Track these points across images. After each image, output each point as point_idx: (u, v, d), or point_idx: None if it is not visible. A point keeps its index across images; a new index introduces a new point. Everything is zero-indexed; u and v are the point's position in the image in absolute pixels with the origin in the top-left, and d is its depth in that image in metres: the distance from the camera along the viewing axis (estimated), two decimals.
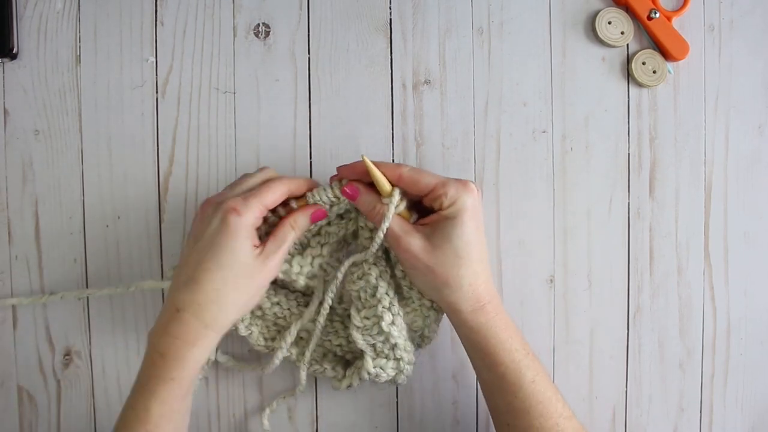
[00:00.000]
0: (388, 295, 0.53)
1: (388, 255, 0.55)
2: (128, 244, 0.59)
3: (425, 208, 0.53)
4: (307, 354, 0.55)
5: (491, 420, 0.54)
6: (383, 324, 0.52)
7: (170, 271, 0.55)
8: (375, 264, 0.54)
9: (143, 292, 0.59)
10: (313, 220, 0.52)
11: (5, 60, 0.58)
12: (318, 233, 0.55)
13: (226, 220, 0.47)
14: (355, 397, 0.60)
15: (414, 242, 0.50)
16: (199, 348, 0.47)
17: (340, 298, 0.57)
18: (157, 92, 0.59)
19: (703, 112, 0.62)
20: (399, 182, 0.51)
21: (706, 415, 0.62)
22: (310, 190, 0.53)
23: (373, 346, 0.53)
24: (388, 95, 0.61)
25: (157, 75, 0.59)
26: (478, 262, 0.50)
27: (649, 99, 0.62)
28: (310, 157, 0.60)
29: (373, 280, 0.53)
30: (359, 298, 0.53)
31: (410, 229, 0.50)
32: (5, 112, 0.59)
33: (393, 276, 0.54)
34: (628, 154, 0.62)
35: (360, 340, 0.53)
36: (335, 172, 0.57)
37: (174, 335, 0.47)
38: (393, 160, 0.60)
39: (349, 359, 0.58)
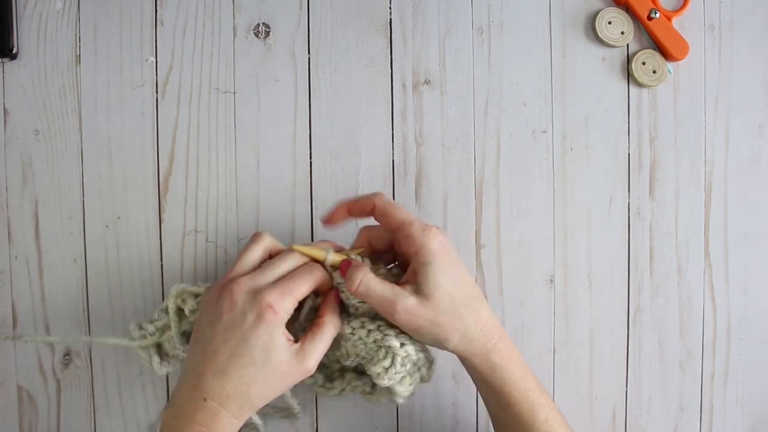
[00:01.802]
0: (375, 326, 0.50)
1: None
2: (128, 244, 0.59)
3: (387, 259, 0.53)
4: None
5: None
6: (398, 351, 0.50)
7: (134, 331, 0.55)
8: (343, 322, 0.51)
9: (143, 292, 0.59)
10: (338, 302, 0.51)
11: (5, 60, 0.58)
12: None
13: (264, 318, 0.46)
14: (355, 398, 0.60)
15: (409, 301, 0.47)
16: None
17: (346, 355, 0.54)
18: (157, 92, 0.59)
19: (703, 112, 0.62)
20: (372, 213, 0.51)
21: (706, 416, 0.62)
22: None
23: (401, 376, 0.51)
24: (388, 95, 0.61)
25: (157, 75, 0.59)
26: (474, 299, 0.49)
27: (649, 99, 0.62)
28: (310, 157, 0.60)
29: (348, 331, 0.51)
30: (358, 353, 0.52)
31: (399, 290, 0.48)
32: (5, 112, 0.59)
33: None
34: (628, 154, 0.62)
35: (391, 381, 0.51)
36: (335, 173, 0.58)
37: (200, 423, 0.46)
38: (393, 161, 0.60)
39: (324, 362, 0.55)
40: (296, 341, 0.48)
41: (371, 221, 0.52)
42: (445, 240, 0.49)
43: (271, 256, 0.51)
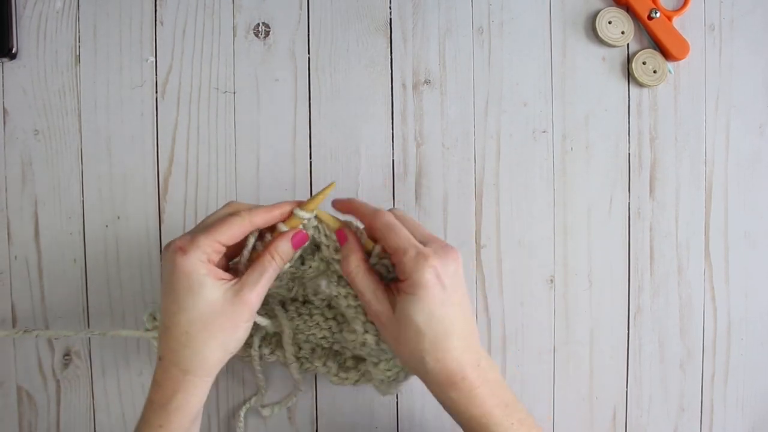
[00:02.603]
0: (355, 303, 0.50)
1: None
2: (128, 244, 0.59)
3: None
4: (288, 354, 0.54)
5: None
6: (358, 335, 0.50)
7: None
8: (331, 282, 0.51)
9: (143, 292, 0.59)
10: (296, 245, 0.48)
11: (5, 60, 0.58)
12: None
13: (174, 261, 0.45)
14: (355, 397, 0.60)
15: (382, 310, 0.47)
16: (182, 394, 0.45)
17: (314, 292, 0.54)
18: (156, 92, 0.59)
19: (703, 111, 0.62)
20: (372, 232, 0.49)
21: (706, 416, 0.62)
22: (282, 218, 0.49)
23: (374, 356, 0.52)
24: (388, 95, 0.61)
25: (156, 75, 0.59)
26: (447, 337, 0.45)
27: (650, 99, 0.62)
28: (310, 157, 0.60)
29: (331, 290, 0.50)
30: (341, 312, 0.52)
31: (382, 296, 0.47)
32: (5, 112, 0.59)
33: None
34: (629, 153, 0.62)
35: (358, 352, 0.52)
36: (335, 173, 0.58)
37: (158, 383, 0.46)
38: (393, 161, 0.60)
39: (337, 350, 0.56)
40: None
41: None
42: (443, 271, 0.45)
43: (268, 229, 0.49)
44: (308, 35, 0.60)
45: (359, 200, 0.50)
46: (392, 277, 0.49)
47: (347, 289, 0.50)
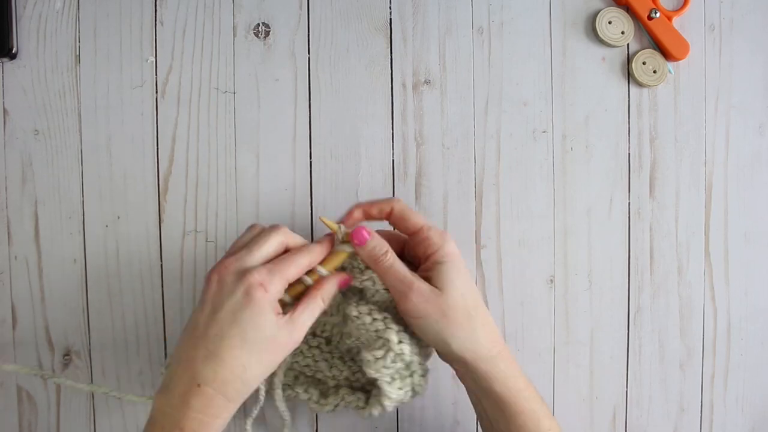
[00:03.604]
0: (381, 317, 0.51)
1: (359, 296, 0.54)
2: (128, 244, 0.59)
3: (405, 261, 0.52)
4: (277, 380, 0.54)
5: None
6: (393, 346, 0.50)
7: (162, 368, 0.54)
8: (349, 305, 0.52)
9: (143, 292, 0.59)
10: (341, 286, 0.51)
11: (5, 60, 0.58)
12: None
13: (252, 296, 0.45)
14: None
15: (424, 286, 0.49)
16: (221, 420, 0.46)
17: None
18: (156, 92, 0.59)
19: (703, 112, 0.62)
20: (389, 216, 0.52)
21: (706, 416, 0.62)
22: (329, 251, 0.51)
23: (391, 374, 0.51)
24: (388, 95, 0.61)
25: (156, 75, 0.59)
26: (481, 304, 0.50)
27: (650, 99, 0.62)
28: (310, 157, 0.60)
29: (354, 313, 0.51)
30: (359, 337, 0.52)
31: (418, 276, 0.49)
32: (5, 112, 0.59)
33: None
34: (629, 154, 0.62)
35: (378, 373, 0.51)
36: (335, 173, 0.57)
37: (196, 410, 0.45)
38: (393, 161, 0.60)
39: (320, 378, 0.57)
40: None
41: (384, 225, 0.53)
42: (456, 247, 0.51)
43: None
44: (308, 35, 0.60)
45: (360, 202, 0.53)
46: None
47: (368, 306, 0.51)
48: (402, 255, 0.53)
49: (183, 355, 0.47)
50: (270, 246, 0.49)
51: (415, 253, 0.52)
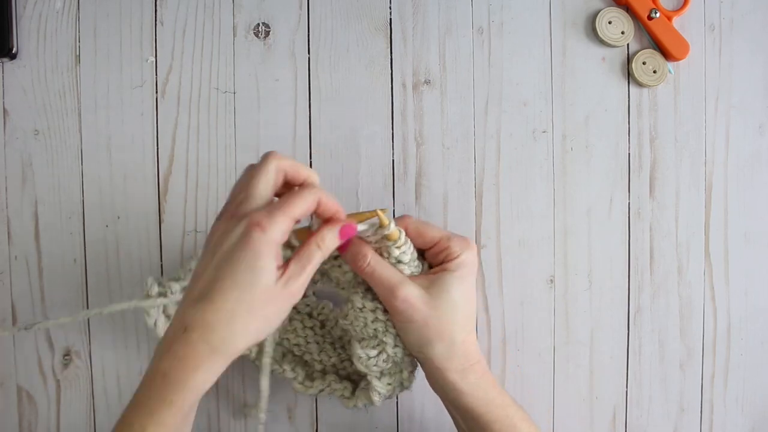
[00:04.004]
0: (384, 318, 0.50)
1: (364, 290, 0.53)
2: (128, 244, 0.59)
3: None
4: (267, 356, 0.53)
5: None
6: (388, 349, 0.50)
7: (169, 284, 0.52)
8: (357, 292, 0.51)
9: (143, 292, 0.59)
10: (343, 236, 0.46)
11: (5, 60, 0.58)
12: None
13: (249, 236, 0.42)
14: None
15: (412, 291, 0.47)
16: (203, 372, 0.42)
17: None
18: (156, 92, 0.59)
19: (703, 112, 0.62)
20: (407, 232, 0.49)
21: (706, 416, 0.62)
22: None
23: (380, 371, 0.52)
24: (388, 95, 0.61)
25: (156, 75, 0.59)
26: (470, 320, 0.50)
27: (650, 99, 0.62)
28: (310, 157, 0.60)
29: (359, 304, 0.50)
30: (355, 326, 0.52)
31: (405, 278, 0.48)
32: (5, 112, 0.59)
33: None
34: (628, 154, 0.62)
35: (367, 370, 0.51)
36: (335, 173, 0.57)
37: (178, 356, 0.42)
38: (393, 161, 0.60)
39: (307, 360, 0.57)
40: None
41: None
42: (476, 258, 0.50)
43: (288, 184, 0.47)
44: (308, 35, 0.60)
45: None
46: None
47: (375, 303, 0.50)
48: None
49: (182, 300, 0.45)
50: (303, 201, 0.45)
51: (434, 262, 0.50)
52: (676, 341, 0.62)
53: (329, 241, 0.46)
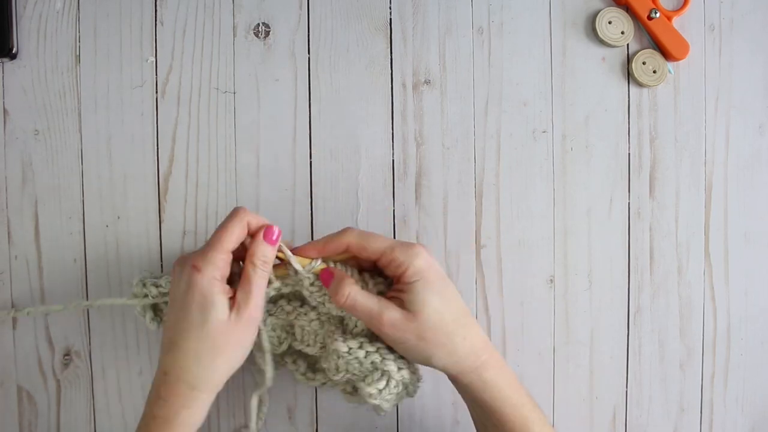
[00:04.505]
0: (374, 348, 0.50)
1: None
2: (128, 244, 0.59)
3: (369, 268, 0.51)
4: (265, 343, 0.53)
5: None
6: (395, 375, 0.50)
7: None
8: (335, 340, 0.51)
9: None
10: (270, 242, 0.48)
11: (5, 60, 0.58)
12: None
13: (191, 280, 0.46)
14: None
15: (395, 314, 0.47)
16: (189, 409, 0.46)
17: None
18: (157, 92, 0.59)
19: (703, 112, 0.62)
20: (348, 251, 0.49)
21: (706, 416, 0.62)
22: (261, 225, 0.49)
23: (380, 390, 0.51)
24: (388, 95, 0.61)
25: (157, 75, 0.59)
26: (463, 315, 0.49)
27: (650, 99, 0.62)
28: (310, 157, 0.60)
29: (344, 349, 0.50)
30: (350, 371, 0.51)
31: (385, 303, 0.48)
32: (5, 112, 0.59)
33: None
34: (628, 154, 0.62)
35: (383, 401, 0.51)
36: (335, 173, 0.57)
37: (163, 398, 0.46)
38: (393, 161, 0.60)
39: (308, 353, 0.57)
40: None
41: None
42: (430, 258, 0.48)
43: (252, 234, 0.49)
44: (308, 35, 0.60)
45: (313, 241, 0.51)
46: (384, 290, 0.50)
47: (357, 340, 0.50)
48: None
49: (160, 349, 0.49)
50: (228, 232, 0.47)
51: (387, 273, 0.50)
52: (676, 341, 0.62)
53: (259, 252, 0.48)
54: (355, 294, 0.48)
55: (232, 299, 0.47)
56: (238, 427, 0.60)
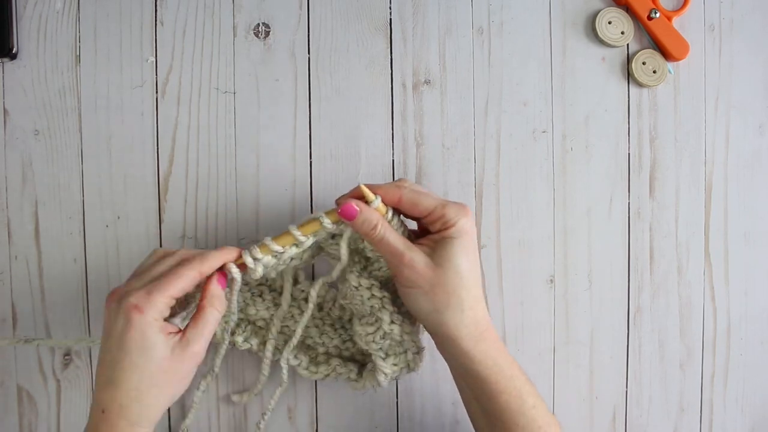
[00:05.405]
0: (379, 295, 0.52)
1: (364, 265, 0.55)
2: (128, 244, 0.59)
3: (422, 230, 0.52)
4: (290, 347, 0.56)
5: None
6: (384, 325, 0.52)
7: None
8: (352, 272, 0.53)
9: None
10: (223, 285, 0.50)
11: (5, 60, 0.58)
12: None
13: (130, 320, 0.45)
14: (355, 397, 0.60)
15: (418, 258, 0.48)
16: None
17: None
18: (157, 92, 0.59)
19: (703, 112, 0.62)
20: (398, 205, 0.50)
21: (706, 415, 0.62)
22: (232, 260, 0.50)
23: (382, 349, 0.53)
24: (388, 95, 0.61)
25: (157, 75, 0.59)
26: (477, 286, 0.50)
27: (650, 99, 0.62)
28: (310, 157, 0.60)
29: (355, 283, 0.52)
30: (353, 303, 0.53)
31: (412, 245, 0.49)
32: (5, 112, 0.59)
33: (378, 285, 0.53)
34: (628, 154, 0.62)
35: (367, 346, 0.53)
36: (335, 173, 0.57)
37: None
38: (393, 161, 0.60)
39: (309, 344, 0.58)
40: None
41: None
42: (473, 224, 0.50)
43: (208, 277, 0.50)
44: (308, 35, 0.60)
45: (363, 184, 0.51)
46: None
47: (370, 281, 0.52)
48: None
49: (95, 383, 0.48)
50: (162, 268, 0.48)
51: (433, 229, 0.50)
52: (676, 341, 0.62)
53: (217, 295, 0.49)
54: (386, 229, 0.49)
55: (179, 332, 0.47)
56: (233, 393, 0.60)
